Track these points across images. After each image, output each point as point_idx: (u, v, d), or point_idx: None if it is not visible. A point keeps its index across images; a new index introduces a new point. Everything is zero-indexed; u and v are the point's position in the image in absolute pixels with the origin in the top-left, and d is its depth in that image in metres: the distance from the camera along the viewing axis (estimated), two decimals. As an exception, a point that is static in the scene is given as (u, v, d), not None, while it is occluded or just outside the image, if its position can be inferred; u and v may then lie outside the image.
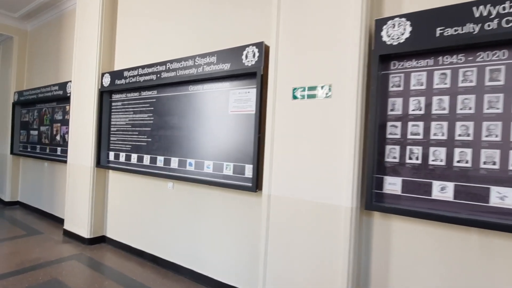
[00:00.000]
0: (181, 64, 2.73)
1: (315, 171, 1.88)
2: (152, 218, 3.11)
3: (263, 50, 2.21)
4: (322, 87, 1.89)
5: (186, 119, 2.77)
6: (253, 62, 2.26)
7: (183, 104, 2.79)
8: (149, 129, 3.08)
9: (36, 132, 4.87)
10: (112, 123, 3.49)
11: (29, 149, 5.00)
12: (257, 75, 2.22)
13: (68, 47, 4.36)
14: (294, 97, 2.00)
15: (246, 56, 2.30)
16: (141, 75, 3.07)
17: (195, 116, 2.69)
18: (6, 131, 5.38)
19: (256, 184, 2.21)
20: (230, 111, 2.47)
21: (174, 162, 2.84)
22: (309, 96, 1.94)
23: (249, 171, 2.33)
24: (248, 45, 2.29)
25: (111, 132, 3.50)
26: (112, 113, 3.50)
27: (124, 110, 3.36)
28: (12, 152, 5.23)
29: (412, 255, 1.70)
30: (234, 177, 2.42)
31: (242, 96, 2.40)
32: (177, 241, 2.87)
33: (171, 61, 2.80)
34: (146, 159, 3.09)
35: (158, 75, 2.91)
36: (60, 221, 4.29)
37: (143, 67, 3.05)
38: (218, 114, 2.54)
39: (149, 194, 3.15)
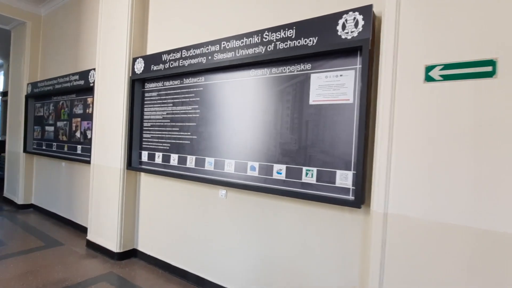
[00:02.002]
0: (241, 42, 2.16)
1: (469, 183, 1.31)
2: (198, 232, 2.57)
3: (372, 16, 1.63)
4: (478, 63, 1.31)
5: (245, 112, 2.21)
6: (355, 34, 1.68)
7: (241, 93, 2.23)
8: (194, 124, 2.53)
9: (52, 128, 4.36)
10: (146, 117, 2.95)
11: (44, 147, 4.50)
12: (363, 51, 1.64)
13: (89, 31, 3.82)
14: (428, 79, 1.42)
15: (343, 26, 1.73)
16: (185, 58, 2.51)
17: (257, 108, 2.13)
18: (19, 127, 4.89)
19: (360, 198, 1.65)
20: (311, 101, 1.91)
21: (229, 165, 2.29)
22: (455, 77, 1.36)
23: (343, 179, 1.77)
24: (346, 11, 1.71)
25: (144, 128, 2.96)
26: (146, 106, 2.95)
27: (160, 101, 2.81)
28: (25, 150, 4.74)
29: None
30: (319, 187, 1.86)
31: (331, 81, 1.83)
32: (235, 264, 2.33)
33: (228, 39, 2.24)
34: (191, 161, 2.54)
35: (209, 57, 2.34)
36: (81, 229, 3.78)
37: (188, 48, 2.49)
38: (291, 105, 1.98)
39: (194, 203, 2.60)
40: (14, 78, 5.08)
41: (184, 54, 2.51)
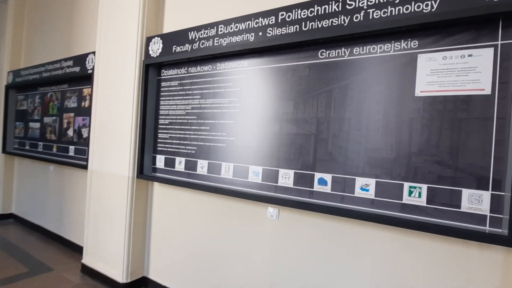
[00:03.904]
0: (311, 12, 1.60)
1: None
2: (233, 261, 1.99)
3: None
4: None
5: (310, 106, 1.65)
6: (508, -8, 1.16)
7: (303, 82, 1.68)
8: (232, 122, 1.95)
9: (37, 125, 3.66)
10: (162, 112, 2.35)
11: (27, 147, 3.80)
12: (524, 16, 1.12)
13: (86, 7, 3.16)
14: None
15: (486, -17, 1.20)
16: (223, 36, 1.93)
17: (332, 101, 1.58)
18: (-3, 123, 4.15)
19: (518, 233, 1.13)
20: (418, 92, 1.37)
21: (286, 177, 1.72)
22: None
23: (474, 201, 1.24)
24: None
25: (160, 127, 2.36)
26: (162, 98, 2.35)
27: (184, 92, 2.21)
28: (4, 151, 4.02)
29: None
30: (431, 211, 1.33)
31: (453, 64, 1.30)
32: (286, 305, 1.76)
33: (289, 8, 1.67)
34: (227, 169, 1.96)
35: (260, 33, 1.77)
36: (74, 247, 3.12)
37: (228, 22, 1.91)
38: (385, 97, 1.44)
39: (228, 223, 2.02)
40: (-9, 66, 4.33)
41: (221, 30, 1.93)
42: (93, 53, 2.80)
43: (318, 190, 1.62)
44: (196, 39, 2.05)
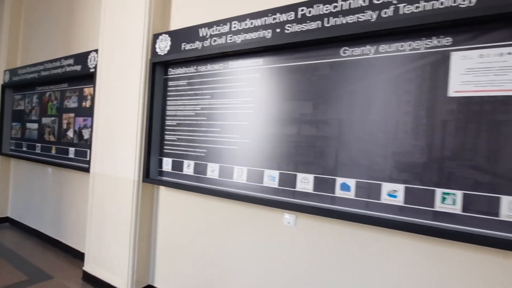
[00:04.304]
0: (334, 7, 1.51)
1: None
2: (244, 269, 1.88)
3: None
4: None
5: (331, 107, 1.56)
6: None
7: (324, 81, 1.58)
8: (246, 123, 1.85)
9: (35, 126, 3.53)
10: (169, 113, 2.24)
11: (24, 148, 3.66)
12: None
13: (87, 2, 3.04)
14: None
15: (532, -26, 1.12)
16: (237, 32, 1.83)
17: (356, 102, 1.49)
18: (-8, 124, 4.00)
19: None
20: (452, 92, 1.29)
21: (305, 182, 1.63)
22: None
23: (516, 211, 1.16)
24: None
25: (167, 128, 2.25)
26: (169, 98, 2.24)
27: (192, 92, 2.11)
28: (0, 152, 3.87)
29: None
30: (468, 220, 1.24)
31: (491, 62, 1.22)
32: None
33: (309, 3, 1.57)
34: (239, 173, 1.86)
35: (278, 30, 1.67)
36: (73, 253, 3.00)
37: (242, 18, 1.81)
38: (414, 98, 1.36)
39: (242, 230, 1.92)
40: (-13, 64, 4.18)
41: (235, 27, 1.83)
42: (96, 51, 2.68)
43: (341, 196, 1.52)
44: (207, 36, 1.95)
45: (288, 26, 1.63)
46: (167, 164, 2.25)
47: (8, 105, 3.91)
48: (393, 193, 1.40)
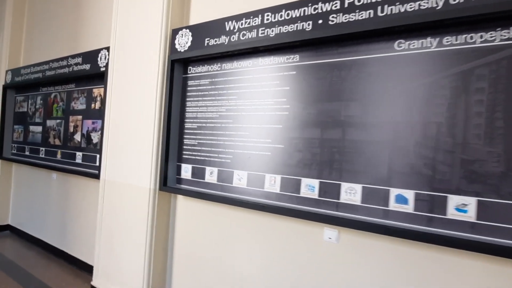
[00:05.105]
0: (387, -6, 1.33)
1: None
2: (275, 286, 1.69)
3: None
4: None
5: (383, 108, 1.38)
6: None
7: (374, 79, 1.40)
8: (280, 126, 1.66)
9: (39, 128, 3.34)
10: (188, 115, 2.05)
11: (27, 153, 3.47)
12: None
13: None
14: None
15: None
16: (270, 26, 1.65)
17: (414, 102, 1.31)
18: (-7, 126, 3.80)
19: None
20: (536, 90, 1.10)
21: (350, 193, 1.44)
22: None
23: None
24: None
25: (186, 132, 2.06)
26: (189, 98, 2.06)
27: (216, 92, 1.92)
28: (1, 156, 3.67)
29: None
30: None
31: None
32: None
33: (358, -9, 1.40)
34: (272, 182, 1.67)
35: (321, 21, 1.49)
36: (79, 265, 2.79)
37: (276, 9, 1.63)
38: (488, 97, 1.18)
39: (271, 244, 1.72)
40: (-12, 64, 3.98)
41: (268, 19, 1.65)
42: (107, 48, 2.50)
43: (396, 210, 1.33)
44: (235, 30, 1.77)
45: (333, 17, 1.45)
46: (186, 171, 2.05)
47: (10, 107, 3.72)
48: (462, 207, 1.21)
